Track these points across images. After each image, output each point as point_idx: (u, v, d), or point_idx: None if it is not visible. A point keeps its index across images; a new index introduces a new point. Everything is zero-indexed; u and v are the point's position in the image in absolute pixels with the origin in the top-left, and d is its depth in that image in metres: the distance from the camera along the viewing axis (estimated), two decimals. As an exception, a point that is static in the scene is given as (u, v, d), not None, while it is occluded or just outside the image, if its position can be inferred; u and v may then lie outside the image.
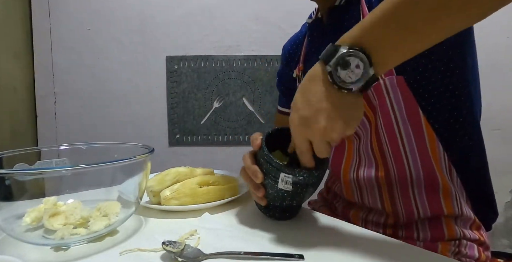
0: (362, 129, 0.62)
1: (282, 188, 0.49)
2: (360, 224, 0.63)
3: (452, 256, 0.55)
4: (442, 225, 0.56)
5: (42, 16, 1.36)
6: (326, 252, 0.47)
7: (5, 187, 0.45)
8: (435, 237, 0.56)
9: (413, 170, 0.56)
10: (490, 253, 0.59)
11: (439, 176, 0.55)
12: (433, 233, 0.56)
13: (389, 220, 0.60)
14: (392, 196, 0.59)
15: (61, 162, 0.60)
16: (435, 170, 0.55)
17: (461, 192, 0.57)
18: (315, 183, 0.50)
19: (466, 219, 0.57)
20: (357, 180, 0.62)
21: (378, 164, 0.59)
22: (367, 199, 0.62)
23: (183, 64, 1.40)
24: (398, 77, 0.53)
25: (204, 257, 0.44)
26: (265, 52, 1.39)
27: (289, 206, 0.54)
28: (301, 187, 0.50)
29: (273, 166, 0.49)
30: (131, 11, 1.37)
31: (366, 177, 0.60)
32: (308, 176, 0.48)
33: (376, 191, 0.60)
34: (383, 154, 0.58)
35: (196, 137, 1.42)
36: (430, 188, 0.56)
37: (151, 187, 0.63)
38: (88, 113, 1.40)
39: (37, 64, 1.37)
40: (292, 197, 0.51)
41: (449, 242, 0.55)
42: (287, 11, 1.37)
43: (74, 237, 0.48)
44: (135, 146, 0.62)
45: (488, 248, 0.59)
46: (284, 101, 0.86)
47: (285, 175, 0.48)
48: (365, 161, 0.61)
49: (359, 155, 0.62)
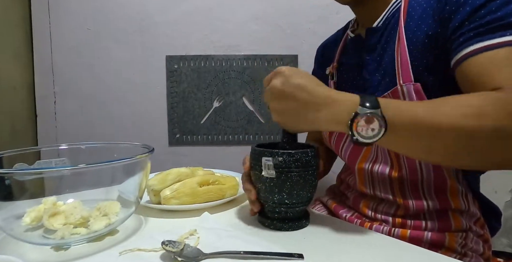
0: None
1: (266, 176, 0.51)
2: (370, 213, 0.64)
3: (459, 248, 0.57)
4: (449, 216, 0.58)
5: (42, 16, 1.36)
6: (326, 251, 0.47)
7: (5, 187, 0.45)
8: (442, 227, 0.58)
9: (425, 172, 0.58)
10: (491, 253, 0.61)
11: (448, 179, 0.58)
12: (440, 223, 0.58)
13: (399, 211, 0.61)
14: (403, 190, 0.61)
15: (61, 162, 0.60)
16: (445, 174, 0.58)
17: (468, 192, 0.60)
18: (298, 168, 0.51)
19: (472, 214, 0.60)
20: (371, 172, 0.64)
21: (393, 163, 0.61)
22: (379, 190, 0.64)
23: (183, 63, 1.40)
24: (415, 85, 0.54)
25: (204, 256, 0.44)
26: (265, 51, 1.39)
27: (283, 203, 0.53)
28: (285, 173, 0.51)
29: (256, 154, 0.53)
30: (131, 11, 1.37)
31: (380, 172, 0.62)
32: (288, 156, 0.50)
33: (388, 184, 0.62)
34: (397, 156, 0.60)
35: (196, 137, 1.42)
36: (439, 187, 0.59)
37: (152, 186, 0.63)
38: (88, 113, 1.40)
39: (37, 64, 1.37)
40: (280, 188, 0.52)
41: (456, 234, 0.57)
42: (287, 11, 1.37)
43: (74, 237, 0.48)
44: (135, 146, 0.62)
45: (490, 248, 0.62)
46: None
47: (265, 158, 0.51)
48: (381, 159, 0.63)
49: (377, 152, 0.64)
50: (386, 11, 0.63)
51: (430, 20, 0.56)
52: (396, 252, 0.47)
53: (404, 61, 0.56)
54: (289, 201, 0.53)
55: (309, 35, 1.36)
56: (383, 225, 0.61)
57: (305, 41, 1.36)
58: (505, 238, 1.26)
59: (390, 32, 0.62)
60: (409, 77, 0.55)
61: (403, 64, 0.57)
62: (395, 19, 0.61)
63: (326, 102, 0.46)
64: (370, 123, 0.43)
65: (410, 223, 0.59)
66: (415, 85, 0.54)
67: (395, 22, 0.61)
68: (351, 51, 0.72)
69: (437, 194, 0.59)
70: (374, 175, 0.64)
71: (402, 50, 0.57)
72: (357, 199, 0.68)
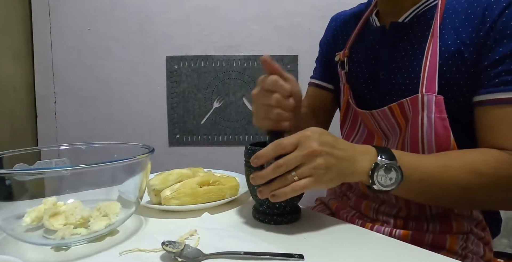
0: (392, 133, 0.64)
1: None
2: (371, 214, 0.64)
3: (460, 250, 0.57)
4: (451, 219, 0.59)
5: (42, 16, 1.36)
6: (326, 252, 0.47)
7: (5, 187, 0.45)
8: (444, 230, 0.58)
9: None
10: (492, 254, 0.61)
11: None
12: (442, 226, 0.58)
13: (400, 213, 0.61)
14: None
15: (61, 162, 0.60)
16: None
17: None
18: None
19: (474, 218, 0.60)
20: None
21: None
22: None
23: (183, 64, 1.39)
24: (438, 97, 0.52)
25: (204, 257, 0.44)
26: (265, 52, 1.39)
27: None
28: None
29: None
30: (131, 11, 1.37)
31: None
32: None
33: None
34: None
35: (196, 137, 1.42)
36: None
37: (154, 186, 0.63)
38: (88, 113, 1.40)
39: (37, 64, 1.37)
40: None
41: (457, 236, 0.57)
42: (287, 11, 1.37)
43: (75, 237, 0.48)
44: (135, 146, 0.62)
45: (491, 250, 0.62)
46: (322, 74, 0.82)
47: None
48: None
49: None
50: (417, 7, 0.59)
51: (468, 35, 0.53)
52: (396, 252, 0.47)
53: (432, 69, 0.54)
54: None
55: (309, 35, 1.36)
56: (384, 225, 0.61)
57: (305, 41, 1.36)
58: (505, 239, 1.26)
59: (418, 33, 0.58)
60: (434, 87, 0.53)
61: (430, 71, 0.54)
62: (426, 19, 0.58)
63: (357, 155, 0.48)
64: (389, 173, 0.47)
65: (412, 224, 0.59)
66: (438, 97, 0.52)
67: (426, 23, 0.57)
68: (367, 41, 0.67)
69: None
70: None
71: (432, 57, 0.54)
72: (358, 200, 0.68)
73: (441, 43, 0.54)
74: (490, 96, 0.51)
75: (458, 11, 0.55)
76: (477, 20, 0.52)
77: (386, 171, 0.47)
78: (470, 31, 0.53)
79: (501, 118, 0.50)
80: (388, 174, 0.47)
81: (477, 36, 0.52)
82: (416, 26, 0.59)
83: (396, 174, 0.47)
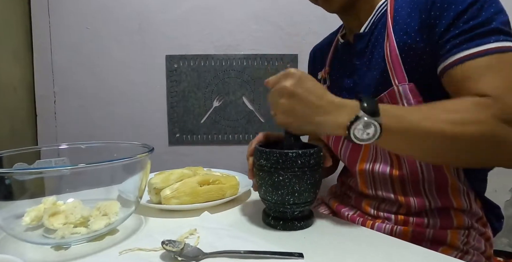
0: None
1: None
2: (372, 211, 0.65)
3: (461, 246, 0.58)
4: (451, 214, 0.59)
5: (42, 16, 1.36)
6: (326, 250, 0.47)
7: (5, 187, 0.45)
8: (444, 225, 0.59)
9: (425, 171, 0.59)
10: (492, 252, 0.61)
11: (448, 177, 0.58)
12: (442, 221, 0.59)
13: (401, 210, 0.62)
14: (405, 189, 0.61)
15: (61, 161, 0.60)
16: (445, 173, 0.58)
17: (470, 191, 0.60)
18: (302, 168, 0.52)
19: (474, 213, 0.60)
20: (372, 173, 0.64)
21: (393, 163, 0.62)
22: (380, 190, 0.64)
23: (183, 63, 1.39)
24: (409, 85, 0.56)
25: (204, 256, 0.44)
26: (265, 51, 1.39)
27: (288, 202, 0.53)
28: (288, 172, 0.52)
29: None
30: (130, 10, 1.37)
31: (381, 171, 0.63)
32: (291, 156, 0.51)
33: (389, 184, 0.63)
34: (397, 155, 0.61)
35: (196, 136, 1.42)
36: (440, 186, 0.59)
37: (155, 184, 0.63)
38: (88, 112, 1.40)
39: (37, 63, 1.37)
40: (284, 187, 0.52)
41: (458, 231, 0.58)
42: (287, 10, 1.37)
43: (74, 236, 0.48)
44: (135, 145, 0.62)
45: (492, 246, 0.63)
46: None
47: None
48: (381, 158, 0.63)
49: (376, 153, 0.64)
50: (372, 16, 0.65)
51: (416, 23, 0.57)
52: (397, 251, 0.47)
53: (396, 63, 0.58)
54: (294, 200, 0.53)
55: (309, 34, 1.36)
56: (385, 222, 0.62)
57: (305, 40, 1.36)
58: (505, 238, 1.26)
59: (377, 36, 0.63)
60: (404, 77, 0.57)
61: (395, 65, 0.58)
62: (381, 23, 0.63)
63: (331, 107, 0.48)
64: (367, 129, 0.46)
65: (412, 220, 0.60)
66: (410, 85, 0.56)
67: (382, 27, 0.62)
68: (341, 56, 0.74)
69: (439, 192, 0.59)
70: (375, 175, 0.64)
71: (392, 52, 0.58)
72: (359, 199, 0.69)
73: (396, 36, 0.59)
74: (454, 57, 0.51)
75: (403, 6, 0.60)
76: (420, 6, 0.57)
77: (366, 126, 0.46)
78: (416, 18, 0.57)
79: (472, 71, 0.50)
80: (366, 129, 0.46)
81: (422, 20, 0.56)
82: (375, 31, 0.64)
83: (375, 130, 0.46)
